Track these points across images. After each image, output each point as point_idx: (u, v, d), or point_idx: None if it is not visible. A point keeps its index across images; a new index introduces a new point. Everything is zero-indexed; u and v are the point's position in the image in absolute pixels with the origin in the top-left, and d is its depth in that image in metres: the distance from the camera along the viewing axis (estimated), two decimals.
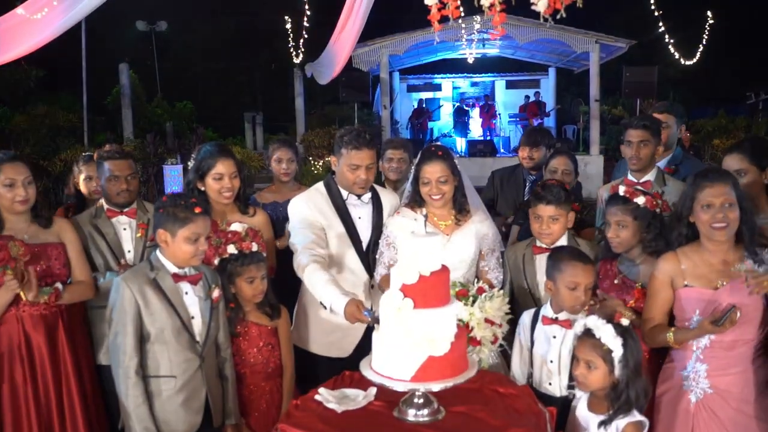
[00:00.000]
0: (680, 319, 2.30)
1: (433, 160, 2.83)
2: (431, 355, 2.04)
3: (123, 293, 2.32)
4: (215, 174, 2.93)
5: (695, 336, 2.20)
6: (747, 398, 2.21)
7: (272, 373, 2.71)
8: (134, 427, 2.31)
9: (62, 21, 5.30)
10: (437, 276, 2.09)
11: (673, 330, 2.25)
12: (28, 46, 5.95)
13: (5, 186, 2.58)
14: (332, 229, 2.92)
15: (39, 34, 5.77)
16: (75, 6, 5.08)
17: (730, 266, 2.21)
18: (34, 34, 5.83)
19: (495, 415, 2.16)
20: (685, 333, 2.23)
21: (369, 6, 5.91)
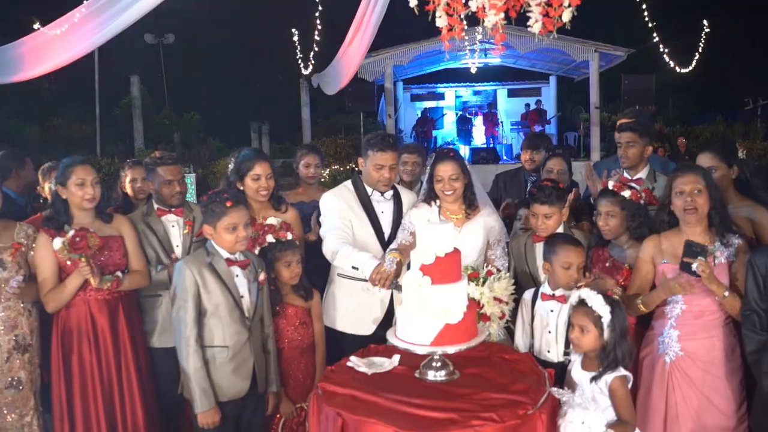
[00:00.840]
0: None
1: (446, 160, 3.27)
2: (447, 323, 2.46)
3: (185, 274, 2.75)
4: (254, 175, 3.38)
5: (657, 296, 2.63)
6: (713, 360, 2.63)
7: (306, 348, 3.14)
8: (193, 388, 2.74)
9: (95, 38, 5.75)
10: (450, 257, 2.52)
11: (642, 297, 2.68)
12: (59, 61, 6.41)
13: (77, 185, 3.02)
14: (358, 221, 3.36)
15: (70, 49, 6.22)
16: (108, 24, 5.52)
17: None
18: (65, 50, 6.28)
19: (502, 376, 2.59)
20: (650, 296, 2.66)
21: (378, 22, 6.37)
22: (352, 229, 3.34)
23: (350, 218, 3.37)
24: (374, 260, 3.00)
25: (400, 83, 16.62)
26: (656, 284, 2.75)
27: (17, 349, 2.99)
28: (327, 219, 3.39)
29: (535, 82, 17.73)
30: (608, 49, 13.73)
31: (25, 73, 6.90)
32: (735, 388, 2.63)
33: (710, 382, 2.62)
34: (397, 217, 3.46)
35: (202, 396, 2.74)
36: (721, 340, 2.65)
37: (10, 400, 2.98)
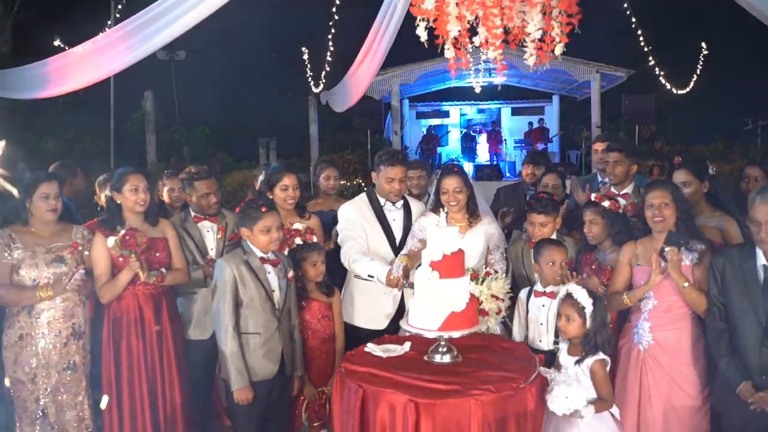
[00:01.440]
0: (635, 288, 3.19)
1: (451, 175, 3.75)
2: (453, 311, 2.92)
3: (225, 270, 3.23)
4: (282, 185, 3.87)
5: (642, 290, 3.08)
6: (681, 348, 3.08)
7: (328, 338, 3.60)
8: (230, 368, 3.20)
9: (126, 58, 6.23)
10: (455, 255, 2.98)
11: (627, 292, 3.14)
12: (87, 79, 6.92)
13: (131, 191, 3.51)
14: (372, 229, 3.83)
15: (98, 70, 6.70)
16: (138, 46, 6.01)
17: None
18: (94, 69, 6.77)
19: (499, 359, 3.05)
20: (635, 291, 3.11)
21: (388, 46, 6.87)
22: (367, 236, 3.81)
23: (365, 227, 3.84)
24: (385, 267, 3.46)
25: (406, 101, 17.16)
26: (633, 283, 3.21)
27: (74, 336, 3.45)
28: (344, 229, 3.86)
29: (538, 101, 18.27)
30: (609, 69, 14.24)
31: (50, 90, 7.42)
32: (700, 373, 3.08)
33: (678, 368, 3.07)
34: (406, 224, 3.93)
35: (238, 375, 3.21)
36: (687, 331, 3.10)
37: (68, 380, 3.43)
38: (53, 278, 3.36)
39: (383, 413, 2.67)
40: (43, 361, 3.36)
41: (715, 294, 2.94)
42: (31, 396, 3.38)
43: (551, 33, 3.21)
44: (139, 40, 6.22)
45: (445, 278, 2.93)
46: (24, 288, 3.33)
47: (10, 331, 3.38)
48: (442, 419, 2.61)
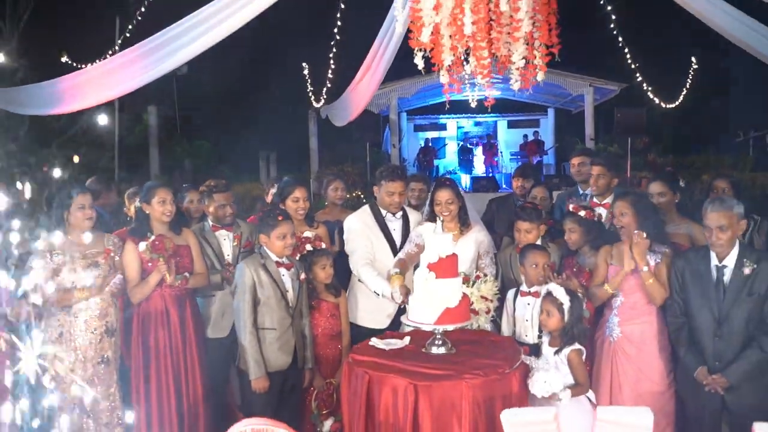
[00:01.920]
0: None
1: (443, 188, 4.19)
2: (447, 307, 3.36)
3: (245, 272, 3.67)
4: (294, 197, 4.32)
5: (620, 276, 3.51)
6: (645, 340, 3.52)
7: (335, 336, 4.04)
8: (249, 359, 3.63)
9: (143, 77, 6.67)
10: (450, 258, 3.42)
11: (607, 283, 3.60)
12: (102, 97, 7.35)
13: (159, 203, 3.95)
14: (375, 237, 4.27)
15: (112, 88, 7.12)
16: (157, 65, 6.44)
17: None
18: (108, 88, 7.18)
19: (487, 350, 3.47)
20: (614, 279, 3.55)
21: (388, 64, 7.36)
22: (372, 244, 4.26)
23: (369, 235, 4.28)
24: (388, 287, 3.85)
25: (403, 114, 17.66)
26: (606, 282, 3.67)
27: (107, 333, 3.88)
28: (351, 239, 4.30)
29: (533, 114, 18.77)
30: (602, 83, 14.76)
31: (63, 107, 7.84)
32: (664, 361, 3.52)
33: (644, 357, 3.51)
34: (405, 232, 4.38)
35: (255, 366, 3.64)
36: (651, 325, 3.54)
37: (102, 373, 3.85)
38: (89, 281, 3.80)
39: (386, 395, 3.11)
40: (80, 356, 3.79)
41: (676, 291, 3.39)
42: (68, 390, 3.80)
43: (533, 61, 3.67)
44: (154, 60, 6.64)
45: (441, 278, 3.37)
46: (64, 290, 3.77)
47: (51, 329, 3.80)
48: (437, 400, 3.04)
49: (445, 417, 3.03)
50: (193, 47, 6.17)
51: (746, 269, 3.17)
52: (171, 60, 6.52)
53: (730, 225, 3.17)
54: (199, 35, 6.09)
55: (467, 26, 3.35)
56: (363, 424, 3.20)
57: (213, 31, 5.91)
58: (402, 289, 3.69)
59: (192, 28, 6.10)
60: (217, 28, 5.89)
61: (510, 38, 3.45)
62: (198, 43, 6.10)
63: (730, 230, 3.17)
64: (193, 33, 6.16)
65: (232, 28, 5.78)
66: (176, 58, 6.42)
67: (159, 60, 6.56)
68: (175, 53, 6.37)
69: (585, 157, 5.09)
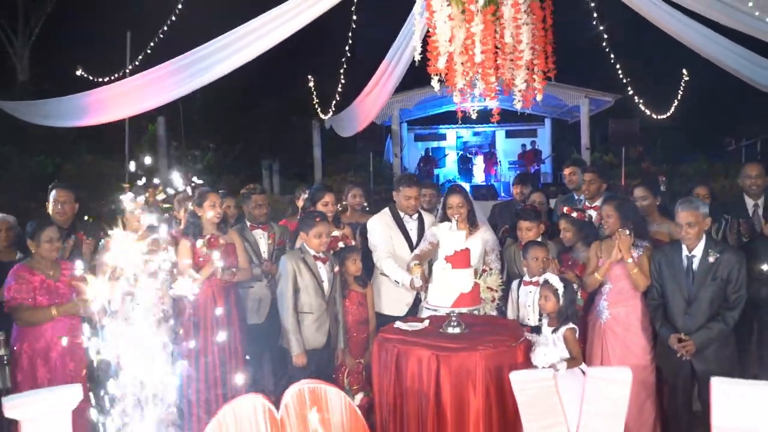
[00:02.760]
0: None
1: (455, 194, 4.90)
2: (462, 292, 4.04)
3: (287, 264, 4.35)
4: (324, 202, 5.01)
5: (607, 265, 4.18)
6: (631, 321, 4.20)
7: (363, 321, 4.71)
8: (290, 338, 4.32)
9: (175, 92, 7.31)
10: (463, 252, 4.11)
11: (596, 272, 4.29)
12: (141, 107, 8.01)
13: (210, 206, 4.63)
14: (394, 235, 4.97)
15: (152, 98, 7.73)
16: (190, 80, 7.08)
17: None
18: (147, 99, 7.80)
19: (495, 330, 4.16)
20: (601, 268, 4.23)
21: (398, 81, 8.07)
22: (392, 241, 4.95)
23: (389, 234, 4.99)
24: (407, 277, 4.59)
25: (404, 124, 18.38)
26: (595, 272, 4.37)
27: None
28: (374, 236, 5.01)
29: (531, 124, 19.53)
30: (597, 95, 15.52)
31: (89, 120, 8.49)
32: (646, 339, 4.19)
33: (629, 336, 4.19)
34: (420, 231, 5.08)
35: (296, 344, 4.32)
36: (635, 308, 4.22)
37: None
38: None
39: (413, 365, 3.78)
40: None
41: (654, 278, 4.09)
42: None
43: (533, 84, 4.38)
44: (181, 78, 7.31)
45: (456, 268, 4.06)
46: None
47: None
48: (456, 367, 3.71)
49: (462, 382, 3.70)
50: (220, 68, 6.83)
51: (711, 258, 3.87)
52: (198, 79, 7.19)
53: (697, 222, 3.87)
54: (226, 57, 6.76)
55: (477, 55, 4.05)
56: (392, 391, 3.88)
57: (241, 53, 6.59)
58: (423, 277, 4.38)
59: (220, 49, 6.77)
60: (245, 51, 6.56)
61: (513, 65, 4.15)
62: (226, 64, 6.77)
63: (697, 226, 3.87)
64: (221, 54, 6.83)
65: (258, 52, 6.45)
66: (203, 78, 7.08)
67: (187, 78, 7.23)
68: (202, 73, 7.02)
69: (575, 167, 5.82)
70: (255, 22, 6.23)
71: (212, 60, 6.89)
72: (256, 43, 6.37)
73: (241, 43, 6.51)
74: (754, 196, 5.05)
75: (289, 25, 6.09)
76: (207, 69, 6.95)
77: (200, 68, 7.02)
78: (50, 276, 4.17)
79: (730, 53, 6.58)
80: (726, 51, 6.58)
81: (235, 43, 6.58)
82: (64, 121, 9.37)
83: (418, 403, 3.75)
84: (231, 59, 6.69)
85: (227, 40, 6.60)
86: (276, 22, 6.09)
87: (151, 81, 7.55)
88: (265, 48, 6.33)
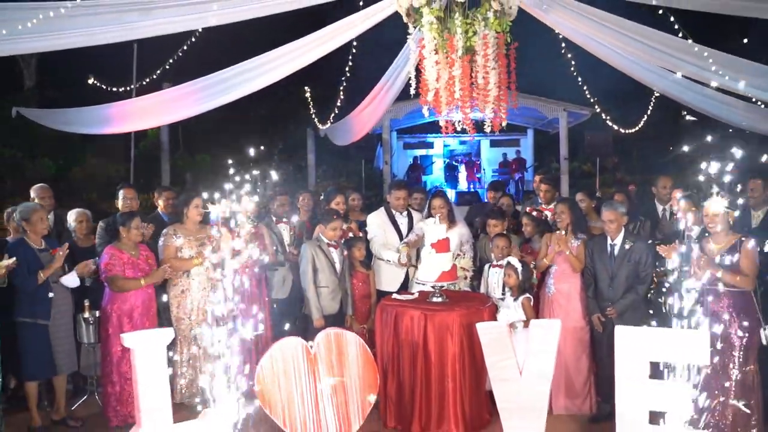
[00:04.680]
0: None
1: (438, 197, 6.42)
2: (443, 270, 5.53)
3: (307, 249, 5.84)
4: (336, 201, 6.49)
5: (552, 253, 5.66)
6: (572, 294, 5.69)
7: (366, 295, 6.20)
8: (312, 306, 5.79)
9: (201, 106, 8.60)
10: (444, 240, 5.61)
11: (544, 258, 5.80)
12: (169, 118, 9.30)
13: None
14: (388, 229, 6.48)
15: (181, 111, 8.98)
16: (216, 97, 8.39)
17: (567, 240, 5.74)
18: (177, 111, 9.03)
19: (468, 299, 5.65)
20: (548, 255, 5.72)
21: (394, 97, 9.53)
22: (385, 233, 6.45)
23: (384, 227, 6.49)
24: (396, 255, 6.10)
25: (394, 133, 19.87)
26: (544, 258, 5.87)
27: (211, 291, 5.97)
28: (371, 229, 6.51)
29: (514, 134, 21.11)
30: (575, 108, 17.06)
31: (111, 128, 9.74)
32: (582, 308, 5.68)
33: (569, 305, 5.67)
34: (409, 226, 6.60)
35: (316, 310, 5.78)
36: (574, 285, 5.70)
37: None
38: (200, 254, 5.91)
39: (407, 322, 5.26)
40: (196, 305, 5.89)
41: (588, 262, 5.60)
42: (187, 327, 5.90)
43: (500, 113, 5.88)
44: (202, 97, 8.61)
45: (439, 252, 5.55)
46: (185, 259, 5.87)
47: (175, 288, 5.90)
48: (438, 323, 5.20)
49: (443, 334, 5.19)
50: (237, 91, 8.12)
51: (627, 245, 5.39)
52: (216, 100, 8.49)
53: (616, 219, 5.39)
54: (244, 81, 8.07)
55: (457, 92, 5.55)
56: (391, 341, 5.36)
57: (257, 80, 7.92)
58: (407, 255, 5.92)
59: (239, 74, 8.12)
60: (260, 78, 7.91)
61: (484, 100, 5.65)
62: (244, 88, 8.10)
63: (617, 222, 5.39)
64: (239, 79, 8.16)
65: (274, 79, 7.82)
66: (221, 99, 8.37)
67: (206, 98, 8.52)
68: (219, 95, 8.28)
69: (540, 176, 7.36)
70: (272, 54, 7.60)
71: (231, 83, 8.21)
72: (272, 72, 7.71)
73: (260, 70, 7.87)
74: (662, 202, 6.62)
75: (301, 59, 7.46)
76: (224, 91, 8.20)
77: (220, 89, 8.33)
78: (133, 255, 5.60)
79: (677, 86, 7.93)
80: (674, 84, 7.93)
81: (254, 70, 7.94)
82: (86, 128, 10.35)
83: (410, 349, 5.24)
84: (250, 83, 8.01)
85: (247, 67, 7.94)
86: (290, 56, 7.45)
87: (174, 98, 8.81)
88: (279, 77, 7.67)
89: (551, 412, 5.54)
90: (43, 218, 5.39)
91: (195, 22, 6.89)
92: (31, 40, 5.99)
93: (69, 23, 5.88)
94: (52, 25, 5.71)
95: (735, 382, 4.68)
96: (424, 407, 5.22)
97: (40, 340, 5.25)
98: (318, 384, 4.71)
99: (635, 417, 4.18)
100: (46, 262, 5.27)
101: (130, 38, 7.25)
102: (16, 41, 5.88)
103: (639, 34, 6.30)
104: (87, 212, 6.40)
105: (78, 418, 5.64)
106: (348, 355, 4.81)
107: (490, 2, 5.44)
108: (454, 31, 5.50)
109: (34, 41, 6.14)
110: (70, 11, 5.61)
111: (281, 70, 7.70)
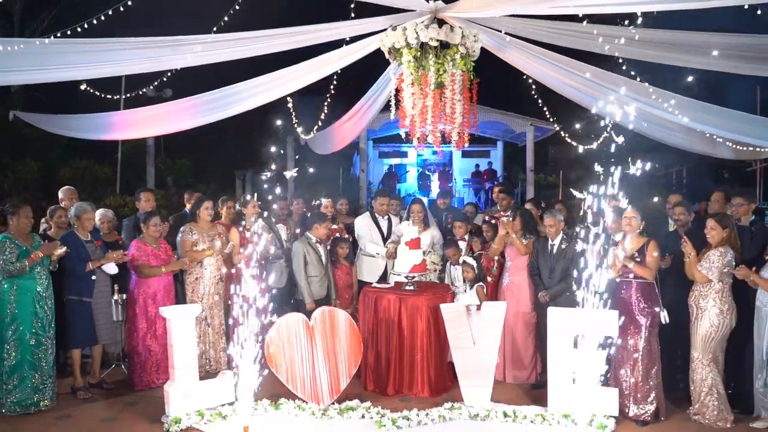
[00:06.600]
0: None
1: (416, 203, 7.90)
2: (414, 264, 6.97)
3: (299, 246, 7.25)
4: (324, 206, 7.90)
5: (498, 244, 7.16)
6: (522, 285, 7.14)
7: (349, 285, 7.62)
8: (304, 293, 7.18)
9: (202, 117, 9.84)
10: (416, 239, 7.06)
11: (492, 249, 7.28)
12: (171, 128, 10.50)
13: (252, 207, 7.44)
14: (373, 229, 7.92)
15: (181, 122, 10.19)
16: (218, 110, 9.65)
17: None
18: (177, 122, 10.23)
19: (435, 288, 7.10)
20: (493, 248, 7.21)
21: (375, 114, 10.95)
22: (370, 233, 7.88)
23: (369, 228, 7.93)
24: (382, 249, 7.55)
25: (370, 142, 21.26)
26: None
27: (220, 280, 7.32)
28: (359, 229, 7.97)
29: (485, 146, 22.63)
30: (542, 123, 18.61)
31: (113, 135, 10.91)
32: (531, 296, 7.12)
33: (520, 294, 7.13)
34: (389, 228, 8.03)
35: (308, 296, 7.18)
36: (524, 277, 7.16)
37: (216, 301, 7.28)
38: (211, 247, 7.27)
39: (384, 304, 6.69)
40: (207, 290, 7.23)
41: (534, 257, 7.08)
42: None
43: (464, 136, 7.35)
44: (202, 110, 9.85)
45: (412, 249, 6.99)
46: (199, 251, 7.21)
47: (191, 276, 7.24)
48: (410, 305, 6.63)
49: (414, 314, 6.63)
50: (237, 107, 9.38)
51: (563, 245, 6.89)
52: (215, 114, 9.72)
53: (555, 224, 6.88)
54: (241, 99, 9.32)
55: (429, 118, 7.00)
56: (371, 320, 6.78)
57: (254, 98, 9.19)
58: (390, 251, 7.37)
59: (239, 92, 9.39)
60: (258, 96, 9.18)
61: (451, 125, 7.11)
62: (242, 105, 9.36)
63: (555, 227, 6.89)
64: (237, 97, 9.42)
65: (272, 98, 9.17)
66: (219, 114, 9.61)
67: (207, 111, 9.76)
68: (217, 111, 9.51)
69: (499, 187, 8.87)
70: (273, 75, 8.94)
71: (231, 99, 9.48)
72: (270, 92, 9.05)
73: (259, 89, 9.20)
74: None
75: (290, 85, 8.79)
76: (223, 107, 9.41)
77: (219, 105, 9.57)
78: (154, 247, 6.92)
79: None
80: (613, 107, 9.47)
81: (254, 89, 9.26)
82: (86, 134, 11.29)
83: (387, 327, 6.67)
84: (242, 103, 9.20)
85: (240, 88, 9.11)
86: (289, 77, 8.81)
87: (177, 110, 10.02)
88: (277, 96, 9.05)
89: (504, 381, 7.04)
90: (90, 217, 6.71)
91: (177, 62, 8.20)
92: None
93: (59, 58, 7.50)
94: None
95: (642, 354, 6.16)
96: (398, 374, 6.63)
97: (85, 314, 6.55)
98: (315, 350, 6.12)
99: (562, 377, 5.72)
100: (90, 251, 6.58)
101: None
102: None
103: (578, 69, 7.83)
104: (110, 212, 7.72)
105: (109, 383, 6.94)
106: (339, 328, 6.25)
107: (458, 47, 6.89)
108: (428, 69, 6.95)
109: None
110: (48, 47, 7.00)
111: (276, 92, 9.02)
